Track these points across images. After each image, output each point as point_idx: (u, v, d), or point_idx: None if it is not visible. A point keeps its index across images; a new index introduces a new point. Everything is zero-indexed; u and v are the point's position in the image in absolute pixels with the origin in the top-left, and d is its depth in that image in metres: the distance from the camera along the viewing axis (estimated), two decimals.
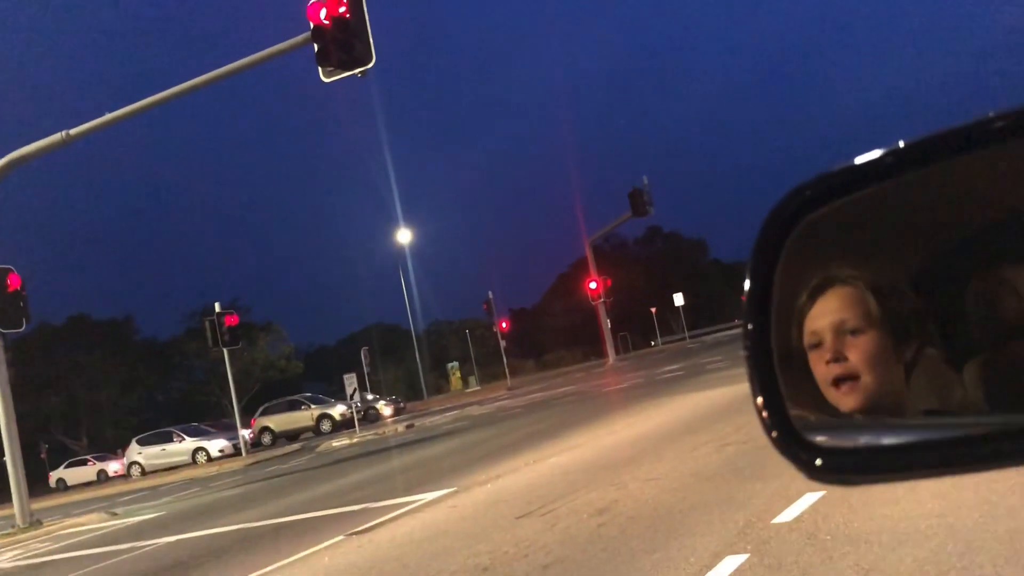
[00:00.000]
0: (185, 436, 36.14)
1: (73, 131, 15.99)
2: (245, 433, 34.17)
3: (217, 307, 29.45)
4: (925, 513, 4.99)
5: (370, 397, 40.30)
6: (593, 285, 44.82)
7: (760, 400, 1.19)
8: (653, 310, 60.87)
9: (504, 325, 48.23)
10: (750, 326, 1.25)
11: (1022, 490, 5.06)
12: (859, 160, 1.17)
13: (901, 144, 1.15)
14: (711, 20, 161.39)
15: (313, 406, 38.26)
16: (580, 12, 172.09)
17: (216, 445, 34.98)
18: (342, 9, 13.59)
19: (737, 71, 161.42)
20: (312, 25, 13.83)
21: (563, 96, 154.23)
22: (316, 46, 13.86)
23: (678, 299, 55.79)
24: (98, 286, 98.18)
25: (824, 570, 4.39)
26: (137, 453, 37.01)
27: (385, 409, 39.65)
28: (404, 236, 51.06)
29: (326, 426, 36.96)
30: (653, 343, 64.36)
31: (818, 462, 1.13)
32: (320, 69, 13.99)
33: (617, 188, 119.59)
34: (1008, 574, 3.84)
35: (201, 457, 34.83)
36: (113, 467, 42.02)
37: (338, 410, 36.94)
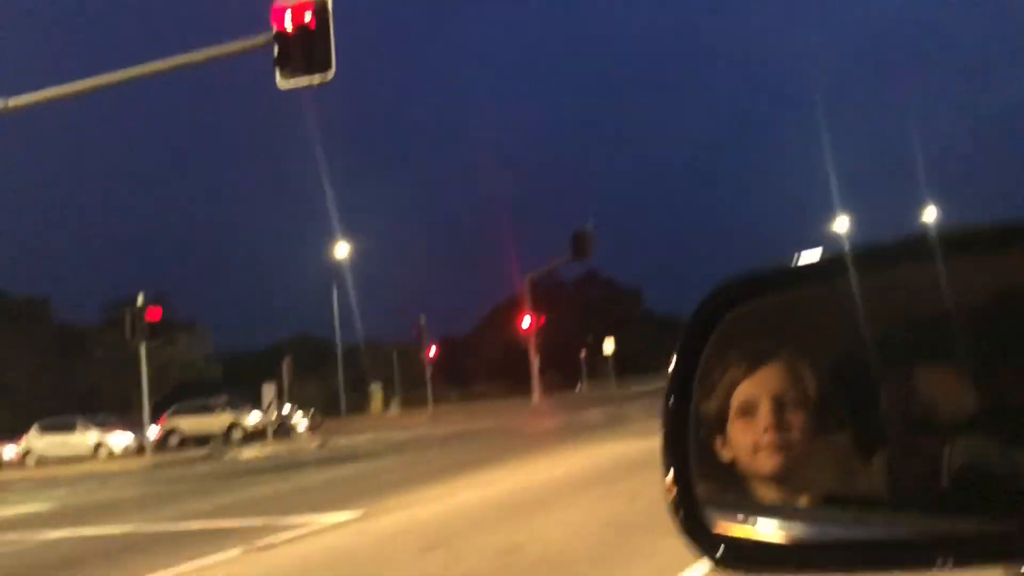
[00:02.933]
0: (91, 427, 34.84)
1: (12, 101, 15.47)
2: (152, 432, 33.12)
3: (140, 299, 28.49)
4: None
5: (287, 409, 39.42)
6: (527, 321, 44.93)
7: (670, 478, 1.20)
8: (583, 354, 61.17)
9: (432, 352, 47.93)
10: (671, 403, 1.26)
11: None
12: (786, 263, 1.21)
13: (825, 254, 1.19)
14: (674, 77, 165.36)
15: (227, 411, 37.33)
16: (544, 53, 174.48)
17: (120, 441, 33.82)
18: (308, 18, 13.48)
19: (697, 128, 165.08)
20: (275, 29, 13.68)
21: (514, 131, 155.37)
22: (277, 50, 13.69)
23: (608, 346, 56.18)
24: (17, 260, 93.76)
25: None
26: (36, 440, 35.52)
27: (301, 423, 38.91)
28: (340, 250, 50.34)
29: (238, 434, 36.03)
30: (579, 387, 64.65)
31: (720, 552, 1.14)
32: (278, 73, 13.79)
33: (560, 227, 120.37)
34: None
35: (103, 452, 33.65)
36: (7, 452, 40.16)
37: (252, 419, 36.14)
